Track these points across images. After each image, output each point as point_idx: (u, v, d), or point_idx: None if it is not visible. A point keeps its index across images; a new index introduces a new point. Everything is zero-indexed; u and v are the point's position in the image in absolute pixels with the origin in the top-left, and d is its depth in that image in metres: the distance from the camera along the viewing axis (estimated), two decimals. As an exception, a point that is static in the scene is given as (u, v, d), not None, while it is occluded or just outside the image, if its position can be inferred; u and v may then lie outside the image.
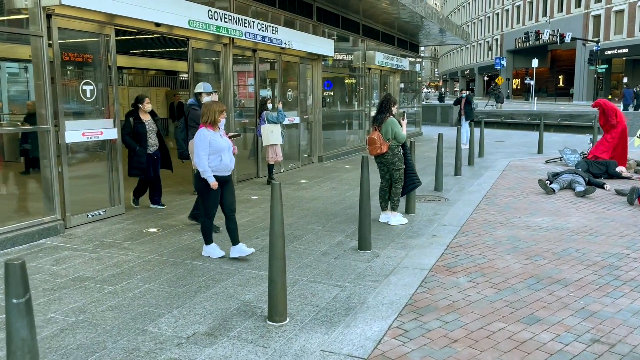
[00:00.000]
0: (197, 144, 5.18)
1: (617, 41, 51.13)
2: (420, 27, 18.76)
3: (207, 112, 5.26)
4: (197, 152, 5.18)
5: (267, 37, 10.30)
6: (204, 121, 5.26)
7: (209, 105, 5.35)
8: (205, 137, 5.18)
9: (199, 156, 5.18)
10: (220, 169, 5.32)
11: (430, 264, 5.36)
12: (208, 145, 5.19)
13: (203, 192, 5.37)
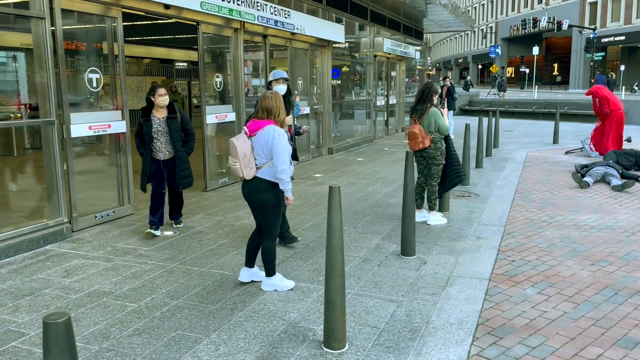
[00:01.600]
0: (284, 147, 4.14)
1: (614, 28, 50.75)
2: (425, 12, 18.13)
3: (277, 105, 4.26)
4: (283, 157, 4.13)
5: (279, 21, 9.63)
6: (279, 119, 4.28)
7: (275, 97, 4.30)
8: (286, 138, 4.23)
9: (285, 162, 4.14)
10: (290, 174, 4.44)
11: (487, 272, 4.81)
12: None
13: (274, 209, 4.31)
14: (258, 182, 4.24)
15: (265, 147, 4.16)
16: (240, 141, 4.21)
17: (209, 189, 8.59)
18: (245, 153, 4.18)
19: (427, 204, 6.58)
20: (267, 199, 4.26)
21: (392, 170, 10.53)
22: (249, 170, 4.21)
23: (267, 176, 4.22)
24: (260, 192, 4.25)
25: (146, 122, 5.84)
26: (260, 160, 4.23)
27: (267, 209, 4.28)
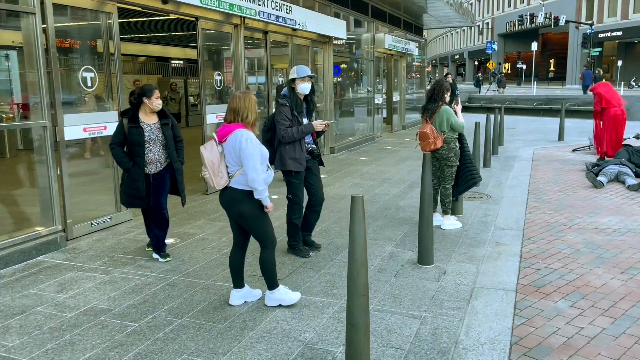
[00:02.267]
0: (252, 152, 3.74)
1: (611, 24, 50.55)
2: (425, 8, 17.82)
3: (246, 106, 3.81)
4: (252, 164, 3.74)
5: (280, 16, 9.29)
6: (247, 121, 3.83)
7: (243, 97, 3.86)
8: (257, 142, 3.83)
9: (255, 169, 3.75)
10: (268, 182, 3.95)
11: (513, 283, 4.50)
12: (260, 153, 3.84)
13: (257, 219, 3.94)
14: (232, 193, 3.88)
15: (234, 154, 3.79)
16: (208, 149, 3.86)
17: (209, 192, 8.24)
18: (213, 161, 3.83)
19: (441, 207, 6.26)
20: (245, 210, 3.89)
21: (398, 170, 10.21)
22: (218, 179, 3.87)
23: (240, 185, 3.84)
24: (236, 203, 3.88)
25: (136, 130, 4.87)
26: (232, 168, 3.86)
27: (248, 220, 3.93)
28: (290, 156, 5.01)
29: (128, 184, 5.01)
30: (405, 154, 12.34)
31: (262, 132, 5.21)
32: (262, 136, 5.12)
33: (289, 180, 5.16)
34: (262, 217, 3.95)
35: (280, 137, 4.97)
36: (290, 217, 5.22)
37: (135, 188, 5.00)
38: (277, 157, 5.07)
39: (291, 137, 4.93)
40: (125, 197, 5.11)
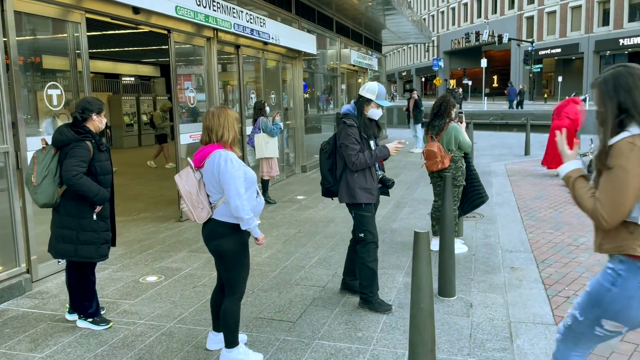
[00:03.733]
0: (233, 175, 3.16)
1: (550, 41, 52.89)
2: (384, 24, 17.75)
3: (220, 123, 3.26)
4: (235, 189, 3.15)
5: (255, 30, 8.79)
6: (224, 140, 3.27)
7: (218, 113, 3.30)
8: (239, 164, 3.25)
9: (239, 195, 3.15)
10: (257, 211, 3.37)
11: (549, 315, 4.13)
12: (244, 176, 3.26)
13: (236, 260, 3.32)
14: (214, 225, 3.30)
15: (214, 180, 3.23)
16: (183, 177, 3.32)
17: (183, 218, 7.56)
18: (191, 191, 3.28)
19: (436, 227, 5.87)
20: (226, 247, 3.28)
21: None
22: (199, 211, 3.30)
23: (223, 217, 3.26)
24: (217, 238, 3.29)
25: (105, 155, 3.97)
26: (214, 196, 3.30)
27: (227, 259, 3.32)
28: (360, 186, 4.19)
29: (98, 227, 3.93)
30: (379, 172, 11.99)
31: (322, 160, 4.41)
32: (321, 164, 4.40)
33: (359, 215, 4.29)
34: (242, 259, 3.36)
35: (350, 163, 4.12)
36: (365, 260, 4.25)
37: (108, 229, 4.05)
38: (342, 188, 4.24)
39: (363, 164, 4.12)
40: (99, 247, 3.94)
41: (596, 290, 2.25)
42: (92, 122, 3.93)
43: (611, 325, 2.21)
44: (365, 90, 4.28)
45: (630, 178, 2.01)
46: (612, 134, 2.10)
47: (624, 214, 2.07)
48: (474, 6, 64.75)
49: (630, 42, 43.66)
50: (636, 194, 2.03)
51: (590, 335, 2.31)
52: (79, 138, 3.80)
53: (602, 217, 2.09)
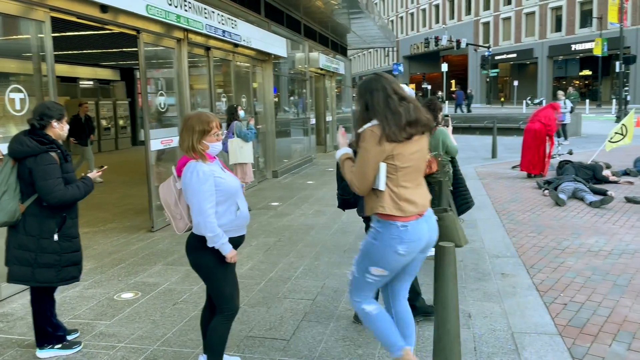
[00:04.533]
0: (195, 190, 2.92)
1: (506, 46, 54.28)
2: (349, 28, 17.71)
3: (181, 131, 3.05)
4: (197, 205, 2.92)
5: (227, 31, 8.49)
6: (184, 149, 3.04)
7: (185, 118, 3.12)
8: (206, 176, 2.94)
9: (201, 212, 2.91)
10: (238, 225, 3.12)
11: (551, 324, 4.02)
12: (213, 190, 2.97)
13: (212, 273, 3.10)
14: (190, 238, 3.14)
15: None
16: (164, 186, 3.16)
17: (155, 228, 7.18)
18: (168, 201, 3.13)
19: (434, 237, 5.74)
20: (200, 260, 3.10)
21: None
22: (177, 221, 3.16)
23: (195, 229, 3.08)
24: (191, 251, 3.12)
25: (70, 165, 3.61)
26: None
27: (203, 273, 3.15)
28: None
29: (62, 248, 3.51)
30: (351, 176, 11.84)
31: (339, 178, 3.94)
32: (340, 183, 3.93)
33: None
34: (219, 272, 3.09)
35: None
36: None
37: (78, 249, 3.66)
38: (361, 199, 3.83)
39: None
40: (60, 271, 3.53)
41: (365, 246, 2.92)
42: (52, 130, 3.52)
43: (377, 271, 2.86)
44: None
45: (370, 156, 2.71)
46: (360, 124, 2.79)
47: (369, 182, 2.77)
48: (432, 12, 65.87)
49: (582, 47, 45.22)
50: (375, 167, 2.73)
51: (363, 283, 2.96)
52: (43, 149, 3.41)
53: (356, 185, 2.79)
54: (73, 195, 3.50)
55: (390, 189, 2.80)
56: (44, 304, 3.65)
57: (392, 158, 2.76)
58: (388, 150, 2.73)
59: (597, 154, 11.38)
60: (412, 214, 2.82)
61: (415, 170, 2.89)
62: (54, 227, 3.49)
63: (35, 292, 3.64)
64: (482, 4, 57.19)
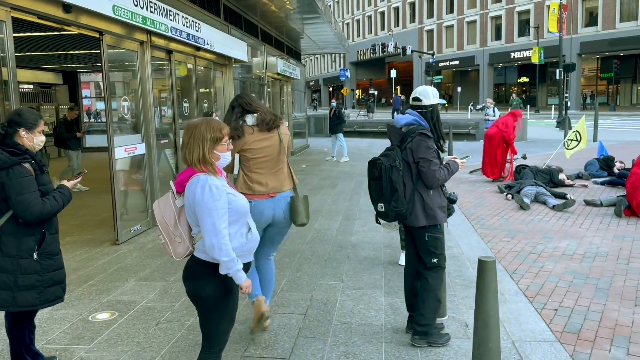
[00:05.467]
0: (210, 207, 2.60)
1: (449, 54, 55.92)
2: (301, 34, 17.63)
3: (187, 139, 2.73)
4: (211, 224, 2.60)
5: (191, 34, 8.19)
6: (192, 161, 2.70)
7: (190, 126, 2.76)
8: (220, 192, 2.64)
9: (215, 232, 2.59)
10: (249, 250, 2.84)
11: (547, 331, 4.04)
12: (227, 207, 2.67)
13: (216, 308, 2.74)
14: (191, 264, 2.76)
15: (190, 209, 2.70)
16: (161, 204, 2.78)
17: (120, 241, 6.79)
18: (167, 221, 2.74)
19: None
20: (204, 292, 2.71)
21: (321, 200, 9.53)
22: (176, 246, 2.76)
23: (201, 253, 2.72)
24: (194, 278, 2.73)
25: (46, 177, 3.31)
26: (194, 228, 2.78)
27: (204, 306, 2.74)
28: (438, 205, 3.76)
29: (43, 267, 3.19)
30: (314, 182, 11.73)
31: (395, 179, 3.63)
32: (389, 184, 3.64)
33: (434, 237, 3.78)
34: (223, 307, 2.76)
35: (432, 180, 3.65)
36: (435, 288, 3.77)
37: (60, 267, 3.33)
38: (417, 210, 3.70)
39: (443, 180, 3.70)
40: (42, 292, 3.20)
41: None
42: (21, 139, 3.18)
43: None
44: (430, 96, 3.81)
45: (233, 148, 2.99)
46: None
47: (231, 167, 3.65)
48: (377, 19, 67.02)
49: (520, 55, 47.19)
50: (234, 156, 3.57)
51: None
52: (15, 161, 3.09)
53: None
54: (52, 209, 3.18)
55: (245, 173, 3.75)
56: (24, 330, 3.31)
57: (245, 151, 3.69)
58: (239, 145, 3.67)
59: (551, 159, 11.78)
60: (260, 193, 3.73)
61: (270, 160, 3.75)
62: (33, 245, 3.17)
63: (13, 317, 3.29)
64: (425, 12, 58.72)
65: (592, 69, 45.57)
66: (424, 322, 3.76)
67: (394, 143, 3.83)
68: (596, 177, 11.16)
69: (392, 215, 3.71)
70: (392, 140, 3.86)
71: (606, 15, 40.19)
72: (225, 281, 2.70)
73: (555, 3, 27.42)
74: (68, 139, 10.65)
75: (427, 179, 3.67)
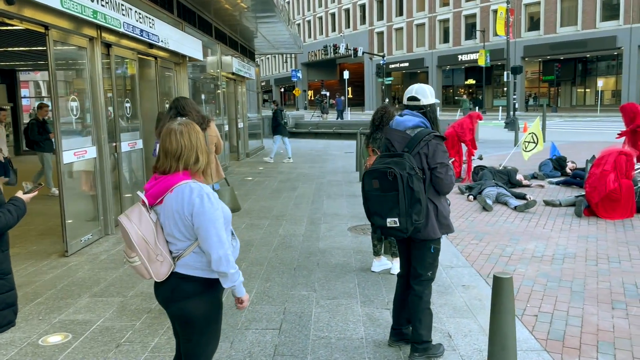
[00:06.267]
0: (213, 217, 2.40)
1: (399, 56, 56.68)
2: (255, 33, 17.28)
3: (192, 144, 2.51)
4: (217, 235, 2.40)
5: (144, 30, 7.72)
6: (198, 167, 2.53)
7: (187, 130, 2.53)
8: (217, 200, 2.47)
9: (221, 243, 2.40)
10: (234, 258, 2.54)
11: (532, 339, 3.94)
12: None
13: (207, 329, 2.55)
14: (178, 283, 2.49)
15: (180, 222, 2.43)
16: (134, 219, 2.45)
17: (70, 252, 6.28)
18: (147, 239, 2.44)
19: (390, 249, 5.53)
20: (195, 311, 2.49)
21: (282, 204, 9.24)
22: (157, 265, 2.47)
23: (191, 270, 2.49)
24: (183, 298, 2.49)
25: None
26: (178, 244, 2.49)
27: (195, 326, 2.52)
28: (448, 212, 3.56)
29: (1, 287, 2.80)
30: (273, 185, 11.42)
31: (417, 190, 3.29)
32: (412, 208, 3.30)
33: (437, 250, 3.57)
34: (214, 325, 2.58)
35: (450, 186, 3.46)
36: (428, 302, 3.59)
37: (12, 287, 2.91)
38: (432, 220, 3.43)
39: (451, 188, 3.53)
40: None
41: None
42: None
43: None
44: (428, 94, 3.58)
45: None
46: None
47: None
48: (328, 20, 67.14)
49: (467, 58, 48.35)
50: None
51: None
52: None
53: None
54: (7, 223, 2.77)
55: None
56: None
57: None
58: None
59: (507, 160, 11.94)
60: None
61: None
62: None
63: None
64: (376, 14, 59.28)
65: (535, 71, 47.19)
66: (423, 339, 3.55)
67: (398, 148, 3.45)
68: (550, 177, 11.40)
69: (410, 230, 3.35)
70: (395, 145, 3.47)
71: (548, 20, 41.72)
72: (217, 296, 2.57)
73: (503, 7, 28.15)
74: (41, 141, 9.84)
75: (444, 185, 3.44)
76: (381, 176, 3.33)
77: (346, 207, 8.79)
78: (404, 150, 3.41)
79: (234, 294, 2.51)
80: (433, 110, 3.59)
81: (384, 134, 3.64)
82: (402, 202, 3.28)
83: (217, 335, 2.63)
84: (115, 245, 6.70)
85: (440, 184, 3.43)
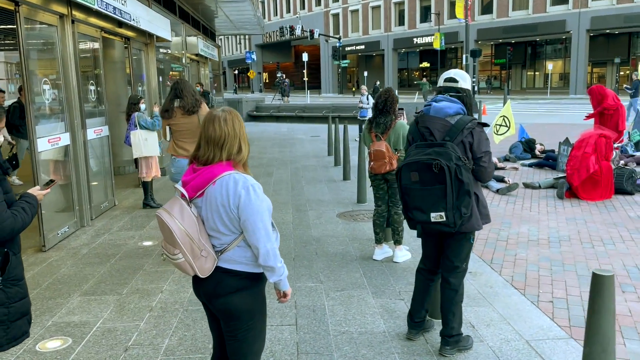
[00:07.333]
0: (259, 209, 2.28)
1: (355, 38, 56.55)
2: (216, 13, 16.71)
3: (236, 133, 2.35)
4: (264, 228, 2.28)
5: (117, 8, 7.22)
6: (241, 157, 2.37)
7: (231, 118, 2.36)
8: (263, 192, 2.36)
9: (269, 237, 2.29)
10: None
11: (556, 327, 3.91)
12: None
13: (253, 323, 2.41)
14: (223, 277, 2.35)
15: (225, 215, 2.29)
16: (176, 214, 2.28)
17: (48, 246, 5.84)
18: (191, 235, 2.27)
19: (393, 236, 5.40)
20: (241, 306, 2.36)
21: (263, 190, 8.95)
22: (202, 261, 2.30)
23: (236, 264, 2.35)
24: (228, 293, 2.35)
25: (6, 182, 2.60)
26: (222, 238, 2.35)
27: (241, 322, 2.38)
28: (485, 204, 3.45)
29: (8, 297, 2.47)
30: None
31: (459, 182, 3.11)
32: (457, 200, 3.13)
33: (472, 241, 3.47)
34: (261, 321, 2.46)
35: (491, 175, 3.36)
36: (462, 296, 3.48)
37: (26, 295, 2.61)
38: (475, 211, 3.30)
39: (492, 176, 3.46)
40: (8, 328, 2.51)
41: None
42: None
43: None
44: (467, 79, 3.45)
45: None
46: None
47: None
48: (283, 1, 66.08)
49: (422, 41, 48.75)
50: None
51: None
52: None
53: None
54: (23, 223, 2.46)
55: (173, 140, 5.30)
56: None
57: (172, 125, 5.26)
58: (168, 120, 5.27)
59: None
60: (182, 155, 5.20)
61: (190, 133, 5.15)
62: None
63: None
64: (331, -4, 58.76)
65: (487, 54, 48.12)
66: (455, 333, 3.44)
67: (438, 137, 3.25)
68: (521, 159, 11.59)
69: (459, 224, 3.19)
70: (435, 135, 3.26)
71: (500, 3, 42.46)
72: (262, 291, 2.47)
73: (461, -10, 28.39)
74: (21, 125, 9.01)
75: (486, 174, 3.32)
76: (422, 168, 3.14)
77: (328, 193, 8.62)
78: (444, 139, 3.22)
79: (278, 287, 2.44)
80: (469, 95, 3.43)
81: (420, 122, 3.40)
82: (450, 195, 3.10)
83: (263, 333, 2.51)
84: (94, 238, 6.29)
85: (483, 173, 3.31)
